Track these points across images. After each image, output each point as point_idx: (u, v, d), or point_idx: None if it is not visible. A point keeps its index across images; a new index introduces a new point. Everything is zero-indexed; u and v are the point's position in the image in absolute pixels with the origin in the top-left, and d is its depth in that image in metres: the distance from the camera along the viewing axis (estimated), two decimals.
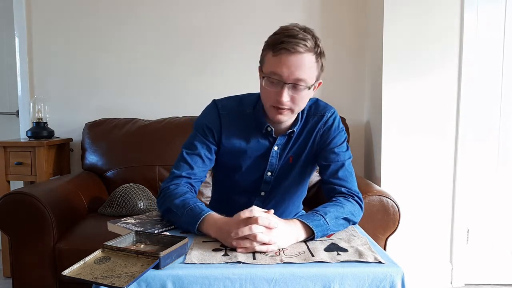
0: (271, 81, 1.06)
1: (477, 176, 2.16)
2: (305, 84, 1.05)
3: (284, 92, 1.04)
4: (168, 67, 2.52)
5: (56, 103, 2.52)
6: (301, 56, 1.02)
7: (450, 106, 2.11)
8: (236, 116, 1.19)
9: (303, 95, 1.07)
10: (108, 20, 2.50)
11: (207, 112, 1.21)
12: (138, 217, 1.16)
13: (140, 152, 2.23)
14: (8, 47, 2.59)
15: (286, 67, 1.02)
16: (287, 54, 1.01)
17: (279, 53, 1.02)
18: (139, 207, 1.90)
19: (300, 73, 1.03)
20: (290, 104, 1.07)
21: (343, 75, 2.50)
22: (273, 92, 1.06)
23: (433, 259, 2.18)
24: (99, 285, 0.74)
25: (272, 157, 1.19)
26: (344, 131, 1.23)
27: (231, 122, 1.18)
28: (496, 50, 2.11)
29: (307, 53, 1.02)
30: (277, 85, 1.05)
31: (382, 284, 0.80)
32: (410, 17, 2.06)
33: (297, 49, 1.01)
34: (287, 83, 1.03)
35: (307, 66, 1.03)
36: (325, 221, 0.99)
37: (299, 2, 2.47)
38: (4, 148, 2.21)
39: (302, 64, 1.02)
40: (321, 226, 0.98)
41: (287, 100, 1.05)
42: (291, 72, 1.02)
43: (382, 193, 1.62)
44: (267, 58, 1.07)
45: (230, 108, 1.20)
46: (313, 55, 1.04)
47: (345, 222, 1.06)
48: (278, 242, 0.90)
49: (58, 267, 1.63)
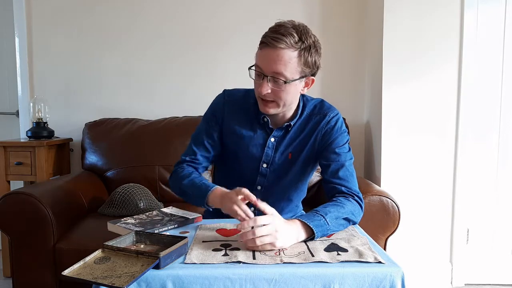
0: (256, 73, 1.13)
1: (477, 176, 2.16)
2: (284, 78, 1.09)
3: (264, 83, 1.10)
4: (168, 67, 2.52)
5: (56, 103, 2.52)
6: (280, 51, 1.06)
7: (450, 106, 2.11)
8: (240, 104, 1.26)
9: (285, 89, 1.11)
10: (108, 20, 2.50)
11: (215, 100, 1.30)
12: (138, 217, 1.17)
13: (140, 152, 2.23)
14: (8, 47, 2.59)
15: (265, 60, 1.09)
16: (266, 48, 1.08)
17: (261, 46, 1.10)
18: (139, 207, 1.90)
19: (277, 67, 1.07)
20: (272, 96, 1.12)
21: (343, 75, 2.50)
22: (257, 84, 1.13)
23: (433, 259, 2.18)
24: (99, 285, 0.74)
25: (268, 148, 1.22)
26: (346, 133, 1.24)
27: (234, 109, 1.25)
28: (496, 50, 2.11)
29: (287, 48, 1.06)
30: (259, 77, 1.11)
31: (382, 284, 0.80)
32: (410, 17, 2.06)
33: (274, 44, 1.06)
34: (266, 75, 1.09)
35: (285, 61, 1.07)
36: (326, 221, 1.00)
37: (299, 4, 2.47)
38: (4, 148, 2.21)
39: (279, 59, 1.07)
40: (321, 226, 0.98)
41: (266, 91, 1.10)
42: (268, 65, 1.08)
43: (382, 193, 1.62)
44: (257, 51, 1.13)
45: (236, 96, 1.28)
46: (294, 50, 1.07)
47: (346, 222, 1.06)
48: (279, 243, 0.91)
49: (58, 267, 1.62)
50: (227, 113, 1.25)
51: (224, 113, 1.25)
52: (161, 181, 2.19)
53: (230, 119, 1.24)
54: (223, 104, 1.26)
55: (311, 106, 1.24)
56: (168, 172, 2.17)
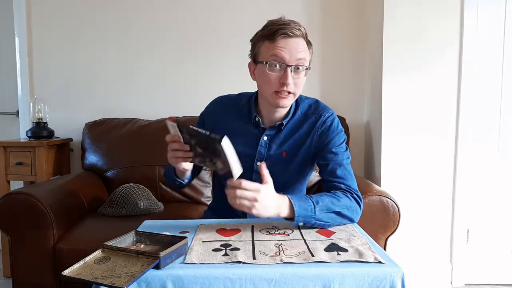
0: (273, 65, 1.12)
1: (477, 176, 2.16)
2: (305, 64, 1.13)
3: (288, 73, 1.10)
4: (168, 67, 2.52)
5: (56, 103, 2.52)
6: (298, 39, 1.12)
7: (450, 106, 2.11)
8: (233, 105, 1.29)
9: (302, 78, 1.14)
10: (108, 20, 2.50)
11: (208, 105, 1.35)
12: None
13: (140, 152, 2.23)
14: (8, 47, 2.59)
15: (287, 49, 1.10)
16: (286, 38, 1.10)
17: (278, 38, 1.10)
18: (139, 207, 1.90)
19: (299, 54, 1.11)
20: (293, 88, 1.13)
21: (343, 75, 2.50)
22: (276, 77, 1.12)
23: (433, 259, 2.18)
24: (99, 285, 0.74)
25: (261, 146, 1.24)
26: (343, 132, 1.26)
27: (227, 110, 1.29)
28: (496, 50, 2.11)
29: (302, 37, 1.13)
30: (280, 69, 1.11)
31: (382, 284, 0.80)
32: (410, 17, 2.06)
33: (294, 32, 1.10)
34: (290, 65, 1.10)
35: (305, 48, 1.13)
36: (313, 209, 1.02)
37: (299, 3, 2.46)
38: (4, 148, 2.21)
39: (300, 46, 1.12)
40: (306, 212, 1.01)
41: (291, 81, 1.11)
42: (292, 54, 1.10)
43: (382, 193, 1.62)
44: (264, 47, 1.13)
45: (229, 98, 1.32)
46: (305, 40, 1.14)
47: (337, 216, 1.06)
48: (254, 210, 0.95)
49: (58, 267, 1.62)
50: (219, 114, 1.29)
51: (217, 114, 1.29)
52: (161, 181, 2.19)
53: (223, 120, 1.27)
54: (215, 106, 1.31)
55: (306, 106, 1.26)
56: None
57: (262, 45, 1.14)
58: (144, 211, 1.91)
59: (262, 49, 1.13)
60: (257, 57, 1.16)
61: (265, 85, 1.15)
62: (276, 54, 1.10)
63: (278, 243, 0.94)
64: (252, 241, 0.97)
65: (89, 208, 1.97)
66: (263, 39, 1.14)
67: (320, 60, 2.49)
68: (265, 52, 1.12)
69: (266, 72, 1.12)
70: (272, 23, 1.13)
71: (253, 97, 1.27)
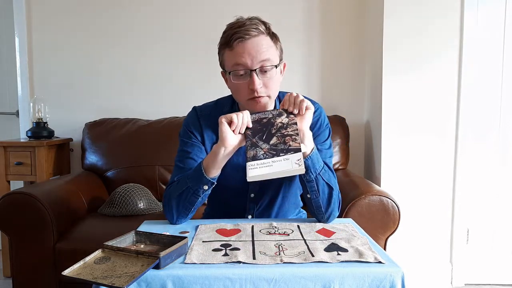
0: (237, 74, 1.07)
1: (477, 176, 2.16)
2: (271, 63, 1.07)
3: (255, 78, 1.05)
4: (168, 67, 2.52)
5: (56, 103, 2.52)
6: (257, 38, 1.05)
7: (450, 106, 2.11)
8: (215, 116, 1.19)
9: (273, 78, 1.09)
10: (108, 20, 2.50)
11: (187, 118, 1.23)
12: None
13: (140, 152, 2.23)
14: (8, 47, 2.59)
15: (246, 54, 1.04)
16: (243, 42, 1.04)
17: (235, 44, 1.04)
18: (139, 207, 1.91)
19: (262, 55, 1.05)
20: (264, 91, 1.08)
21: (343, 75, 2.50)
22: (244, 84, 1.07)
23: (433, 259, 2.18)
24: (99, 285, 0.74)
25: None
26: (329, 127, 1.23)
27: (210, 122, 1.19)
28: (496, 50, 2.11)
29: (260, 35, 1.06)
30: (245, 75, 1.06)
31: (382, 284, 0.80)
32: (410, 17, 2.06)
33: (251, 33, 1.04)
34: (253, 69, 1.05)
35: (267, 46, 1.06)
36: (322, 167, 1.07)
37: (299, 2, 2.47)
38: (4, 148, 2.21)
39: (260, 46, 1.05)
40: (318, 162, 1.05)
41: (260, 86, 1.06)
42: (253, 57, 1.04)
43: (382, 193, 1.62)
44: (226, 56, 1.09)
45: (208, 109, 1.22)
46: (266, 36, 1.08)
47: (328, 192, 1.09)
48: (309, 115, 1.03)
49: (58, 267, 1.63)
50: (204, 128, 1.19)
51: (202, 129, 1.19)
52: (161, 181, 2.19)
53: (209, 134, 1.19)
54: (197, 121, 1.20)
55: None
56: (168, 172, 2.17)
57: (224, 53, 1.09)
58: (144, 211, 1.91)
59: (225, 58, 1.09)
60: (223, 66, 1.12)
61: (236, 93, 1.11)
62: (237, 62, 1.05)
63: (278, 243, 0.94)
64: (252, 241, 0.97)
65: (89, 208, 1.97)
66: (223, 47, 1.09)
67: (320, 60, 2.49)
68: (228, 61, 1.08)
69: (233, 82, 1.08)
70: (228, 28, 1.08)
71: (235, 103, 1.21)
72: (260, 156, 0.98)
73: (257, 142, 1.01)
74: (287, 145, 0.98)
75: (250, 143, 1.01)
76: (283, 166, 0.95)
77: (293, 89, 1.32)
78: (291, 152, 0.97)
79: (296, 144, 0.98)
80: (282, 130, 1.01)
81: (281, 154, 0.97)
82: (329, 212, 1.11)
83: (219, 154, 1.02)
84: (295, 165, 0.95)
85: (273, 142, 1.00)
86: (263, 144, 1.00)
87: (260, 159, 0.97)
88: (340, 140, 2.25)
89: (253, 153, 0.99)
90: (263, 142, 1.00)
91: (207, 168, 1.04)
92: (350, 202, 1.58)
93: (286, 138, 1.00)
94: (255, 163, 0.97)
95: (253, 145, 1.00)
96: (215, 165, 1.04)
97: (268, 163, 0.97)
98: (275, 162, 0.96)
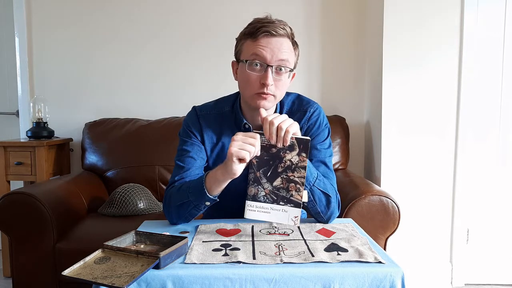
0: (253, 64, 1.07)
1: (477, 176, 2.16)
2: (289, 65, 1.08)
3: (269, 74, 1.05)
4: (168, 67, 2.52)
5: (56, 103, 2.52)
6: (282, 38, 1.07)
7: (450, 106, 2.11)
8: (215, 115, 1.21)
9: (284, 80, 1.09)
10: (108, 20, 2.50)
11: (187, 118, 1.24)
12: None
13: (140, 152, 2.23)
14: (8, 47, 2.59)
15: (269, 48, 1.05)
16: (269, 37, 1.05)
17: (260, 36, 1.05)
18: (139, 207, 1.91)
19: (282, 55, 1.06)
20: (273, 89, 1.08)
21: (343, 75, 2.50)
22: (256, 77, 1.07)
23: (433, 259, 2.18)
24: (99, 285, 0.74)
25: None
26: (328, 127, 1.23)
27: (210, 122, 1.20)
28: (496, 50, 2.11)
29: (286, 37, 1.07)
30: (261, 68, 1.07)
31: (382, 284, 0.80)
32: (410, 17, 2.06)
33: (278, 31, 1.05)
34: (271, 65, 1.05)
35: (289, 48, 1.08)
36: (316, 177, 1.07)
37: (299, 2, 2.46)
38: (4, 148, 2.21)
39: (283, 46, 1.06)
40: (311, 174, 1.05)
41: (271, 82, 1.06)
42: (274, 53, 1.05)
43: (382, 193, 1.62)
44: (246, 45, 1.09)
45: (208, 109, 1.23)
46: (290, 41, 1.09)
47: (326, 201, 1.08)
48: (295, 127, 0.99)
49: (58, 267, 1.63)
50: (204, 128, 1.19)
51: (202, 129, 1.19)
52: (161, 181, 2.19)
53: (209, 134, 1.19)
54: (197, 121, 1.20)
55: (289, 103, 1.22)
56: (168, 172, 2.18)
57: (245, 43, 1.10)
58: (144, 211, 1.91)
59: (244, 47, 1.10)
60: (239, 55, 1.13)
61: (245, 85, 1.10)
62: (257, 53, 1.05)
63: (278, 243, 0.94)
64: (252, 241, 0.97)
65: (89, 208, 1.97)
66: (245, 37, 1.10)
67: (320, 60, 2.49)
68: (247, 51, 1.08)
69: (246, 71, 1.07)
70: (256, 21, 1.09)
71: (236, 102, 1.21)
72: (260, 197, 0.99)
73: (260, 179, 1.00)
74: (289, 193, 0.99)
75: (253, 178, 1.00)
76: (279, 218, 0.98)
77: (293, 89, 1.32)
78: (291, 204, 0.98)
79: (298, 198, 0.98)
80: (288, 172, 0.99)
81: (281, 203, 0.98)
82: (329, 215, 1.12)
83: (225, 181, 1.02)
84: (291, 221, 0.98)
85: (276, 184, 0.99)
86: (266, 183, 1.00)
87: (259, 201, 0.99)
88: (340, 140, 2.25)
89: (254, 192, 0.99)
90: (266, 181, 0.99)
91: (210, 189, 1.04)
92: (350, 202, 1.58)
93: (290, 184, 0.99)
94: (254, 205, 0.99)
95: (256, 181, 1.00)
96: (218, 188, 1.04)
97: (266, 209, 0.99)
98: (273, 210, 0.99)
